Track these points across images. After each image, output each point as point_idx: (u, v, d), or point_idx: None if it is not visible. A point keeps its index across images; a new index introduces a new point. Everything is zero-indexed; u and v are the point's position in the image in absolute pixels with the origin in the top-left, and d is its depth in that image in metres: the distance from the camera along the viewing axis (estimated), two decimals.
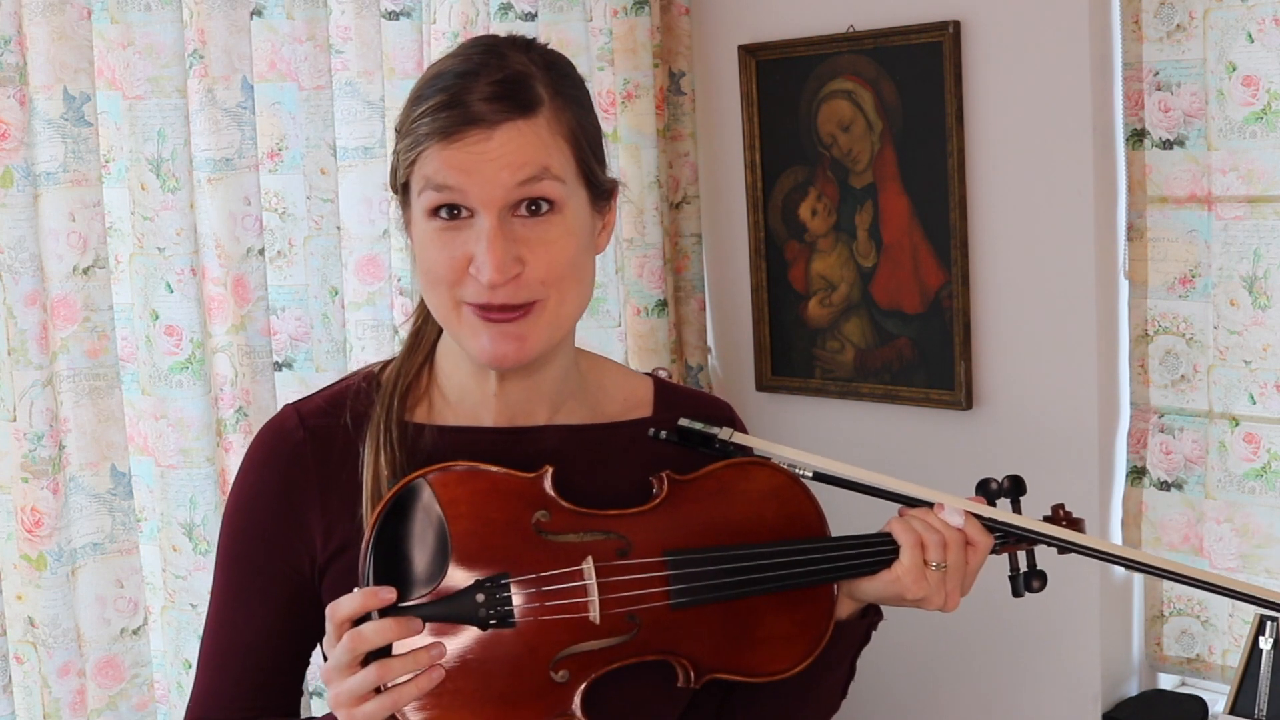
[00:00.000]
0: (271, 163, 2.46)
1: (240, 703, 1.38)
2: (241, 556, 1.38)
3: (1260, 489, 2.35)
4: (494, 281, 1.26)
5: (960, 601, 1.39)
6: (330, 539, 1.36)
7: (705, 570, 1.32)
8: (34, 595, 2.04)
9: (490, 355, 1.30)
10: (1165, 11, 2.37)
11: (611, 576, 1.28)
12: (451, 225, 1.29)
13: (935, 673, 2.73)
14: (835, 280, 2.75)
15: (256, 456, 1.40)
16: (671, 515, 1.34)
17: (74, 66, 2.07)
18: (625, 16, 2.72)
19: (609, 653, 1.28)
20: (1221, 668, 2.49)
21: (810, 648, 1.38)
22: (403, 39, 2.44)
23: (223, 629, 1.39)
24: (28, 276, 2.00)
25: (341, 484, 1.36)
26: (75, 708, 2.08)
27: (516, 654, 1.25)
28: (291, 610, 1.37)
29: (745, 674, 1.35)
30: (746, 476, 1.38)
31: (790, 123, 2.76)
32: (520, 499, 1.29)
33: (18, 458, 2.02)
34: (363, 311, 2.48)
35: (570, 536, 1.29)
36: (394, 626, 1.20)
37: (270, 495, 1.37)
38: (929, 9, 2.54)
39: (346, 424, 1.37)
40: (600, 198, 1.36)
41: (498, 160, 1.26)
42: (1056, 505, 1.49)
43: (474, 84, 1.27)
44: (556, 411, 1.41)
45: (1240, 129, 2.31)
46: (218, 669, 1.39)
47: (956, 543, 1.36)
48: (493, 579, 1.25)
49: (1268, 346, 2.33)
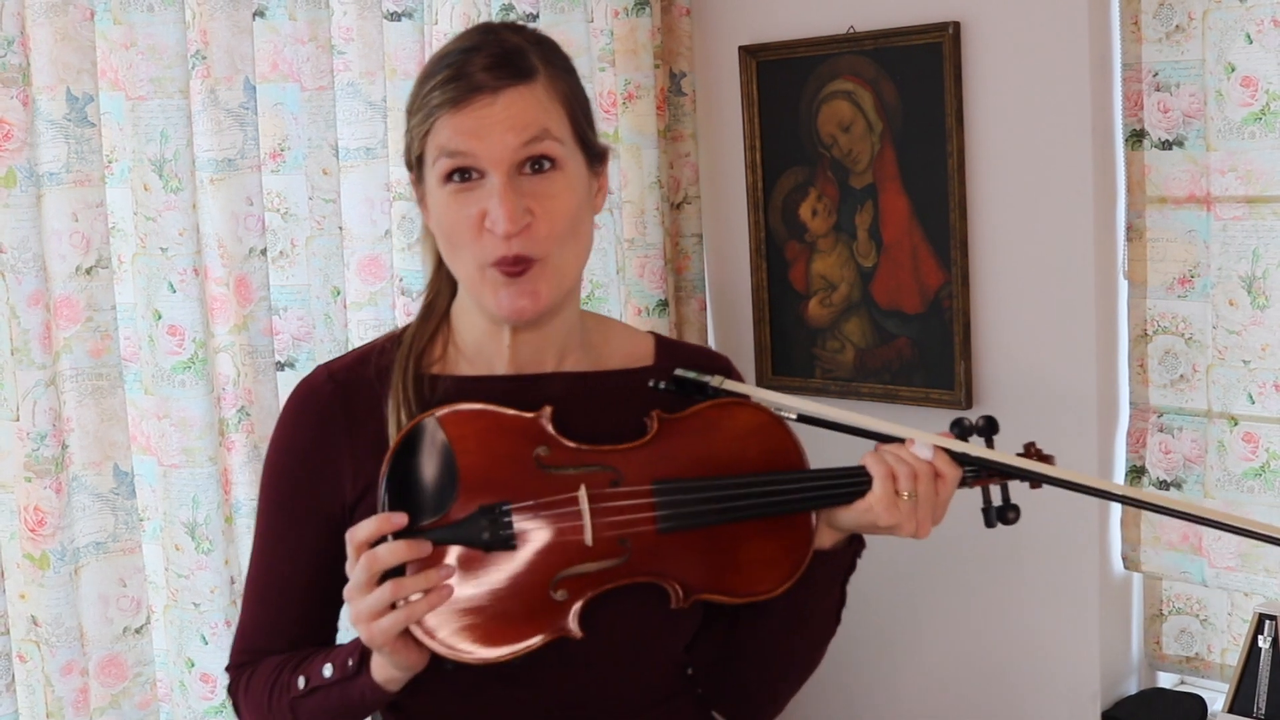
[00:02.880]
0: (274, 163, 2.46)
1: (283, 630, 1.52)
2: (279, 501, 1.52)
3: (1259, 488, 2.36)
4: (508, 231, 1.39)
5: (931, 530, 1.49)
6: (358, 480, 1.48)
7: (689, 498, 1.44)
8: (37, 594, 2.05)
9: (509, 309, 1.43)
10: (1164, 12, 2.37)
11: (603, 503, 1.41)
12: (465, 187, 1.42)
13: (935, 672, 2.73)
14: (835, 280, 2.75)
15: (291, 408, 1.53)
16: (661, 450, 1.46)
17: (77, 67, 2.07)
18: (626, 17, 2.73)
19: (603, 574, 1.41)
20: (1220, 666, 2.50)
21: (790, 571, 1.48)
22: (404, 40, 2.44)
23: (264, 566, 1.54)
24: (31, 276, 2.00)
25: (367, 430, 1.48)
26: (78, 706, 2.09)
27: (518, 574, 1.38)
28: (325, 547, 1.49)
29: (730, 594, 1.47)
30: (730, 415, 1.50)
31: (791, 123, 2.77)
32: (522, 435, 1.42)
33: (21, 457, 2.02)
34: (365, 311, 2.48)
35: (568, 470, 1.42)
36: (405, 548, 1.34)
37: (303, 443, 1.50)
38: (929, 10, 2.54)
39: (372, 377, 1.50)
40: (595, 161, 1.50)
41: (503, 122, 1.39)
42: (1029, 443, 1.58)
43: (475, 57, 1.41)
44: (562, 360, 1.54)
45: (1239, 129, 2.31)
46: (260, 603, 1.54)
47: (926, 474, 1.47)
48: (495, 505, 1.38)
49: (1266, 346, 2.34)
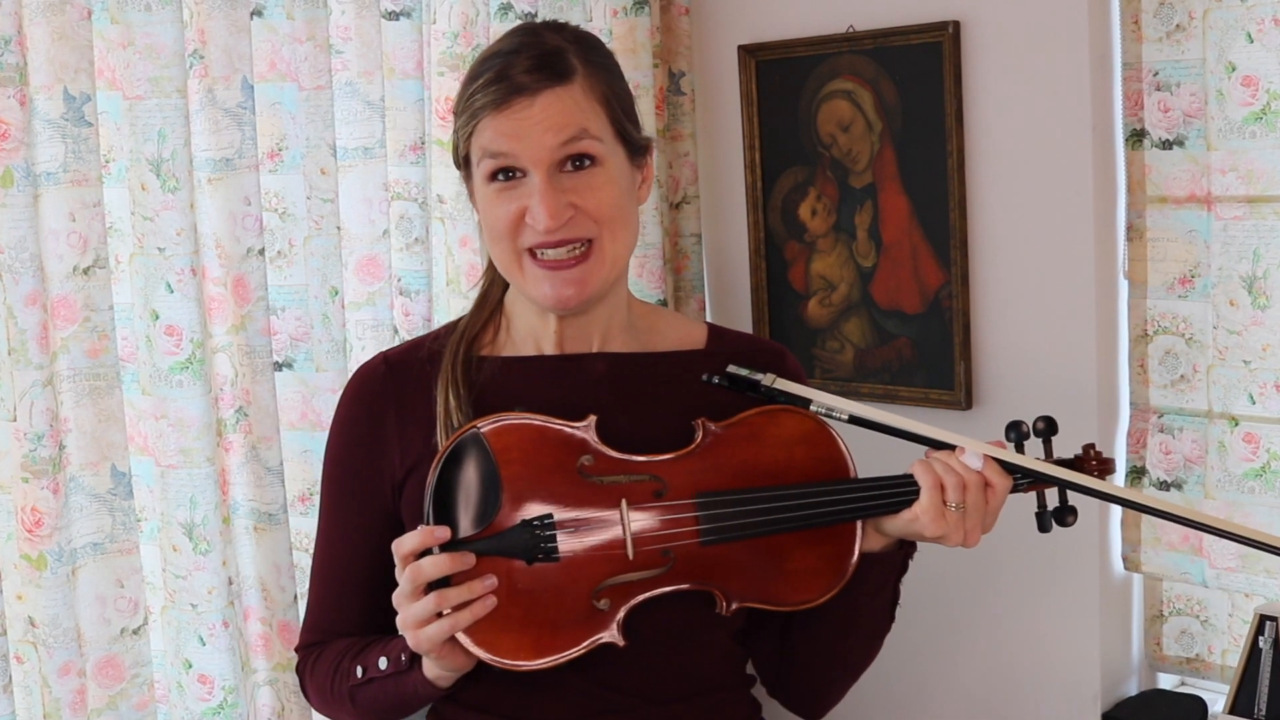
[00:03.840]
0: (271, 163, 2.46)
1: (347, 610, 1.58)
2: (336, 481, 1.59)
3: (1260, 489, 2.35)
4: (549, 227, 1.45)
5: (981, 538, 1.47)
6: (406, 456, 1.54)
7: (733, 511, 1.43)
8: (34, 595, 2.04)
9: (554, 300, 1.49)
10: (1165, 11, 2.37)
11: (645, 516, 1.42)
12: (508, 185, 1.48)
13: (934, 671, 2.73)
14: (835, 280, 2.75)
15: (349, 393, 1.60)
16: (706, 459, 1.45)
17: (74, 66, 2.07)
18: (625, 16, 2.72)
19: (646, 583, 1.42)
20: (1221, 667, 2.49)
21: (834, 580, 1.48)
22: (403, 39, 2.43)
23: (326, 548, 1.61)
24: (28, 276, 2.00)
25: (416, 409, 1.54)
26: (75, 707, 2.08)
27: (561, 584, 1.40)
28: (382, 527, 1.55)
29: (774, 603, 1.47)
30: (777, 423, 1.50)
31: (790, 123, 2.76)
32: (566, 445, 1.44)
33: (18, 457, 2.02)
34: (363, 311, 2.48)
35: (611, 479, 1.43)
36: (448, 561, 1.38)
37: (358, 426, 1.57)
38: (929, 9, 2.54)
39: (424, 359, 1.57)
40: (637, 154, 1.54)
41: (541, 123, 1.44)
42: (1088, 445, 1.56)
43: (516, 59, 1.46)
44: (607, 341, 1.59)
45: (1240, 129, 2.31)
46: (323, 583, 1.61)
47: (975, 484, 1.46)
48: (539, 518, 1.40)
49: (1267, 346, 2.33)
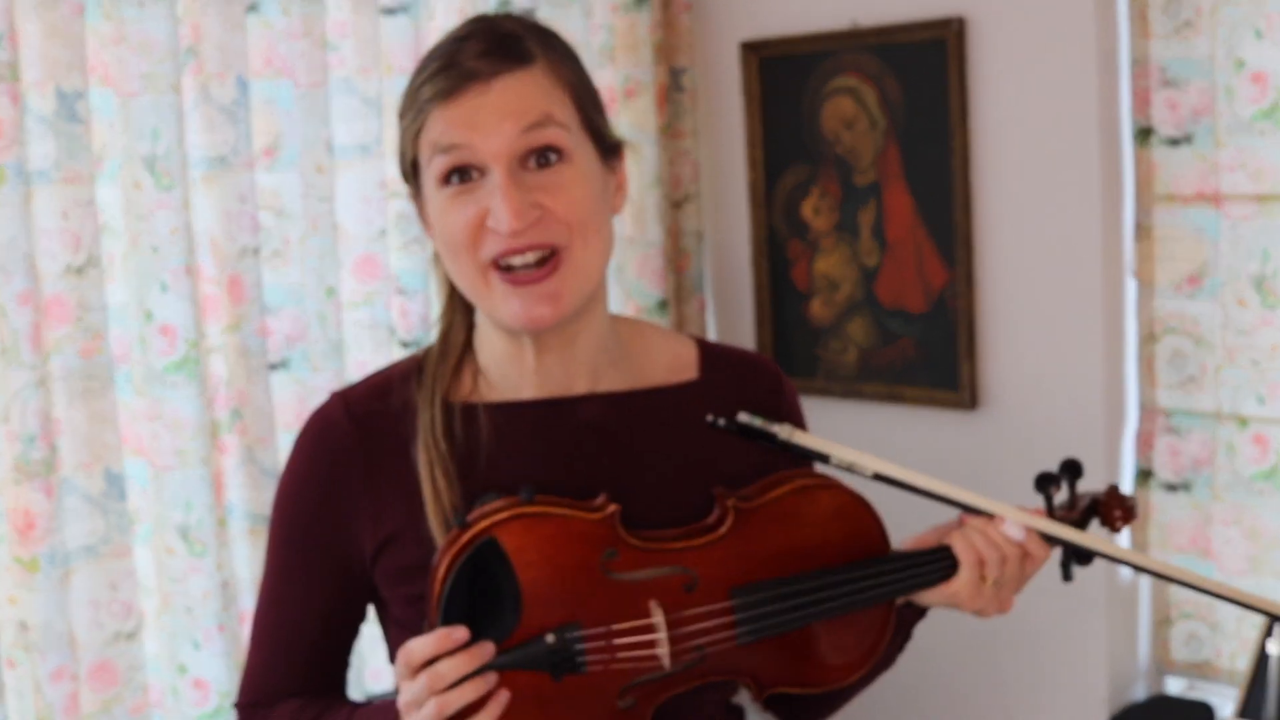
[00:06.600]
0: (267, 161, 2.44)
1: (291, 676, 1.42)
2: (289, 540, 1.41)
3: (1269, 491, 2.33)
4: (513, 228, 1.26)
5: (1014, 601, 1.41)
6: (381, 526, 1.37)
7: (771, 609, 1.33)
8: (27, 599, 2.03)
9: (526, 319, 1.29)
10: (1173, 7, 2.35)
11: (681, 627, 1.30)
12: (464, 189, 1.28)
13: (941, 677, 2.71)
14: (838, 279, 2.73)
15: (303, 446, 1.41)
16: (737, 545, 1.34)
17: (66, 63, 2.05)
18: (626, 13, 2.71)
19: (676, 681, 1.31)
20: (1229, 672, 2.48)
21: (866, 657, 1.41)
22: (400, 35, 2.43)
23: (273, 609, 1.43)
24: (20, 275, 1.98)
25: (390, 474, 1.36)
26: (68, 712, 2.07)
27: (585, 690, 1.28)
28: (337, 599, 1.40)
29: (806, 686, 1.39)
30: (812, 501, 1.38)
31: (793, 120, 2.74)
32: (587, 541, 1.29)
33: (10, 459, 2.01)
34: (360, 311, 2.47)
35: (638, 574, 1.30)
36: (468, 660, 1.22)
37: (316, 485, 1.39)
38: (933, 5, 2.52)
39: (395, 411, 1.37)
40: (609, 154, 1.35)
41: (499, 109, 1.26)
42: (1112, 487, 1.48)
43: (467, 45, 1.29)
44: (597, 380, 1.39)
45: (1248, 126, 2.29)
46: (269, 646, 1.43)
47: (1015, 557, 1.38)
48: (564, 628, 1.27)
49: (1276, 346, 2.31)
